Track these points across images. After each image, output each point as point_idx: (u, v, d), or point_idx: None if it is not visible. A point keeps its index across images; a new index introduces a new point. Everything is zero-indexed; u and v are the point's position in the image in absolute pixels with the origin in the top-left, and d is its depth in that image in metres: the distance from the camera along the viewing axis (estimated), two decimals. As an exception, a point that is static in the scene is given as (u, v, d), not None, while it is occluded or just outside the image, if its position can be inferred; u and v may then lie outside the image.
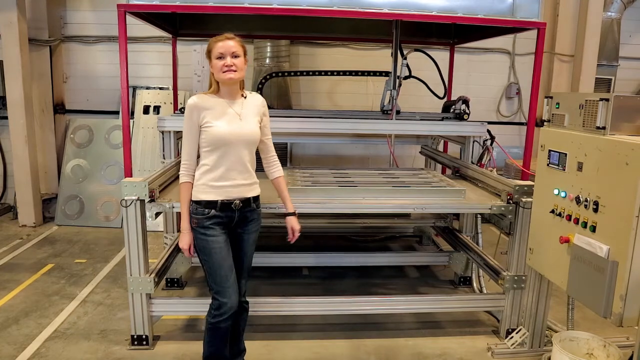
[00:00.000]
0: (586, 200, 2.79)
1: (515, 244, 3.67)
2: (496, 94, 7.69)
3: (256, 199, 3.04)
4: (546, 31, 7.28)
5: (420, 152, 6.01)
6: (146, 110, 7.07)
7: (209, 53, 2.87)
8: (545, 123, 3.26)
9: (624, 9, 7.23)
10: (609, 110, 2.69)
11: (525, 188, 3.55)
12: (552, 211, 3.10)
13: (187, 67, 7.27)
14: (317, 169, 4.48)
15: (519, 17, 4.09)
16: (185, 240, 2.92)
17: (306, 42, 7.27)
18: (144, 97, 7.11)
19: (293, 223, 3.14)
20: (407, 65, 5.07)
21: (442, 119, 5.08)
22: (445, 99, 5.76)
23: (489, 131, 4.62)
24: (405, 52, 5.09)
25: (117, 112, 7.17)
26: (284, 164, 7.14)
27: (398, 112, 4.99)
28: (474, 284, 4.71)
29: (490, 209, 3.61)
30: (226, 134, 2.84)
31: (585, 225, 2.81)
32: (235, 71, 2.80)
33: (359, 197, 3.61)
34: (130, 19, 4.31)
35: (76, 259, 5.45)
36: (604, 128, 2.71)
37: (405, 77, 5.13)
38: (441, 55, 6.03)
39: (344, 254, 4.83)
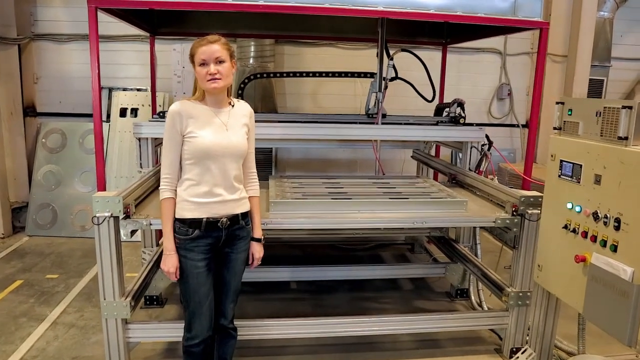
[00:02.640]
0: (606, 217, 2.55)
1: (520, 259, 3.44)
2: (487, 95, 7.49)
3: (245, 215, 2.76)
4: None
5: (412, 157, 5.77)
6: (123, 112, 6.69)
7: (191, 57, 2.59)
8: (555, 130, 3.02)
9: (617, 9, 7.08)
10: (632, 119, 2.45)
11: (532, 199, 3.31)
12: (565, 227, 2.86)
13: (167, 67, 6.92)
14: (307, 178, 4.19)
15: (521, 16, 3.86)
16: (170, 262, 2.61)
17: (292, 41, 6.97)
18: (121, 99, 6.74)
19: (255, 249, 2.85)
20: (394, 66, 4.82)
21: (437, 123, 4.84)
22: (432, 102, 5.51)
23: (487, 136, 4.38)
24: (392, 52, 4.84)
25: (92, 115, 6.76)
26: (269, 169, 6.92)
27: (384, 116, 4.74)
28: (472, 298, 4.47)
29: (494, 222, 3.36)
30: (211, 145, 2.56)
31: (604, 244, 2.57)
32: (220, 79, 2.52)
33: (353, 211, 3.34)
34: (105, 17, 3.99)
35: (47, 274, 5.08)
36: (626, 138, 2.47)
37: (392, 79, 4.89)
38: (430, 55, 5.78)
39: (335, 268, 4.55)
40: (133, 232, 3.16)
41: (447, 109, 5.15)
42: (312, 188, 3.77)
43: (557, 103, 2.98)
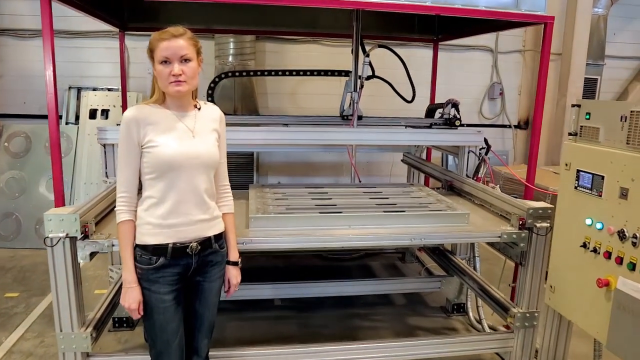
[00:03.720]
0: (635, 237, 2.24)
1: (527, 276, 3.11)
2: (478, 95, 7.19)
3: (219, 237, 2.37)
4: (532, 28, 6.87)
5: (402, 161, 5.42)
6: (93, 114, 6.25)
7: (150, 53, 2.19)
8: (570, 136, 2.70)
9: (611, 5, 6.83)
10: (668, 125, 2.14)
11: (540, 211, 2.99)
12: (584, 245, 2.54)
13: (140, 66, 6.48)
14: (290, 187, 3.81)
15: (524, 9, 3.54)
16: (131, 297, 2.21)
17: (273, 38, 6.58)
18: (91, 100, 6.29)
19: (232, 274, 2.45)
20: (370, 64, 4.49)
21: (431, 126, 4.51)
22: (412, 102, 5.17)
23: (485, 140, 4.06)
24: (368, 49, 4.51)
25: (59, 117, 6.30)
26: (250, 173, 6.53)
27: (360, 118, 4.41)
28: (470, 314, 4.16)
29: (499, 237, 3.02)
30: (176, 155, 2.17)
31: (633, 267, 2.26)
32: (184, 82, 2.14)
33: (344, 226, 2.97)
34: (72, 11, 3.61)
35: (7, 292, 4.62)
36: (660, 147, 2.16)
37: (368, 77, 4.56)
38: (409, 52, 5.44)
39: (322, 283, 4.17)
40: (93, 255, 2.75)
41: (439, 110, 4.83)
42: (297, 199, 3.39)
43: (573, 106, 2.66)
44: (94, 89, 6.40)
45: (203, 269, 2.33)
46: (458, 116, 4.50)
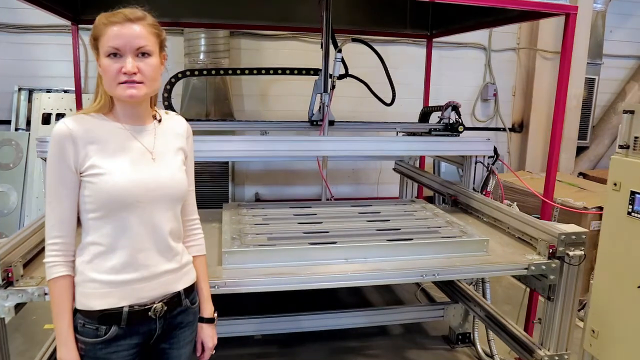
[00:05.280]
0: None
1: (557, 313, 2.60)
2: (471, 96, 6.71)
3: (190, 290, 1.80)
4: (526, 24, 6.42)
5: (394, 169, 4.90)
6: (47, 119, 5.57)
7: (95, 41, 1.60)
8: (620, 150, 2.20)
9: (610, 0, 6.43)
10: None
11: (574, 237, 2.48)
12: (643, 286, 2.04)
13: (100, 64, 5.80)
14: (271, 207, 3.23)
15: (544, -2, 3.05)
16: None
17: (249, 33, 5.98)
18: (44, 103, 5.62)
19: (206, 335, 1.90)
20: (343, 60, 3.96)
21: (430, 132, 3.99)
22: (391, 104, 4.64)
23: (494, 149, 3.56)
24: (339, 43, 3.98)
25: (8, 122, 5.62)
26: (225, 183, 5.92)
27: (332, 123, 3.89)
28: (479, 347, 3.65)
29: (527, 268, 2.51)
30: (130, 186, 1.58)
31: None
32: (141, 83, 1.56)
33: (340, 260, 2.43)
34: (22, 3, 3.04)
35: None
36: None
37: (340, 77, 4.04)
38: (384, 51, 4.90)
39: (310, 316, 3.59)
40: (19, 307, 2.14)
41: (436, 114, 4.33)
42: (281, 224, 2.82)
43: (625, 112, 2.15)
44: (48, 91, 5.71)
45: (170, 333, 1.76)
46: (460, 121, 3.99)
